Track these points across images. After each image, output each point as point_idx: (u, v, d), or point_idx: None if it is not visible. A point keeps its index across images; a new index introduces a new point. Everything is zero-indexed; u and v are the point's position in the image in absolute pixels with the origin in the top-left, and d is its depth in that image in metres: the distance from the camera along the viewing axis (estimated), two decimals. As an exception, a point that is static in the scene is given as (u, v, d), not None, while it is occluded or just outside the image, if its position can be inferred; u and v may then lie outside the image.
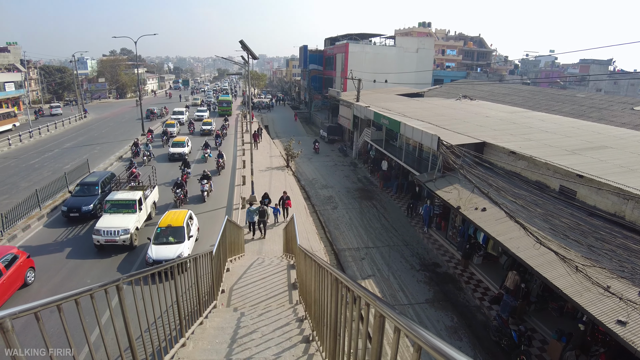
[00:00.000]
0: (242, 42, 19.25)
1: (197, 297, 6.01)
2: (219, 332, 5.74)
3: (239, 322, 6.21)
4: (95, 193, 22.01)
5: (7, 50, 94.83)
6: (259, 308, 7.12)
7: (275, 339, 5.25)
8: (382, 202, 26.79)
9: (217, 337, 5.50)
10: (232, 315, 6.66)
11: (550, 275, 12.13)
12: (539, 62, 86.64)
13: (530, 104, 34.55)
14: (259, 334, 5.51)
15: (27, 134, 41.77)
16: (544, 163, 16.90)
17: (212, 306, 7.14)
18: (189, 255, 8.53)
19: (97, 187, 22.43)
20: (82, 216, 20.83)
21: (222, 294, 8.13)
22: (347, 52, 50.44)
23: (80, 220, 21.01)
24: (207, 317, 6.49)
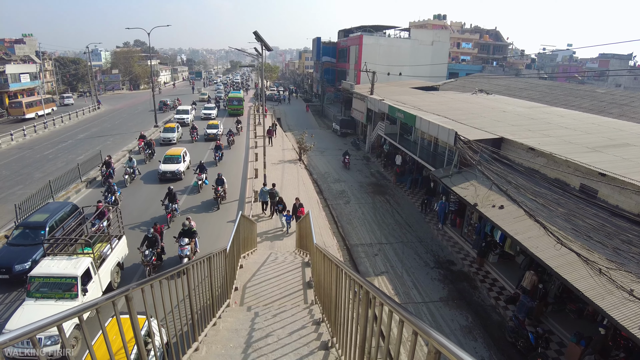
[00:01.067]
0: (256, 33, 18.98)
1: (210, 297, 5.80)
2: (233, 334, 5.53)
3: (253, 323, 6.00)
4: (39, 241, 14.80)
5: (22, 41, 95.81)
6: (273, 307, 6.91)
7: (292, 344, 5.02)
8: (395, 198, 26.45)
9: (231, 341, 5.29)
10: (246, 315, 6.45)
11: (571, 277, 11.76)
12: (556, 56, 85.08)
13: (548, 99, 33.83)
14: (274, 338, 5.28)
15: (42, 124, 42.03)
16: (564, 160, 16.43)
17: (226, 305, 6.94)
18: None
19: (44, 230, 15.55)
20: (15, 278, 13.80)
21: (235, 291, 7.94)
22: (361, 44, 49.83)
23: (10, 283, 13.92)
24: (220, 317, 6.28)
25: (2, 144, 34.28)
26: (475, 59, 76.00)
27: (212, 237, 18.09)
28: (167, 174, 25.69)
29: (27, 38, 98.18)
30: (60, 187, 22.57)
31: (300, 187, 25.24)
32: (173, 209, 19.72)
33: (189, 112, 47.87)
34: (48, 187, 21.21)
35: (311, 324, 5.83)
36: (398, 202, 25.62)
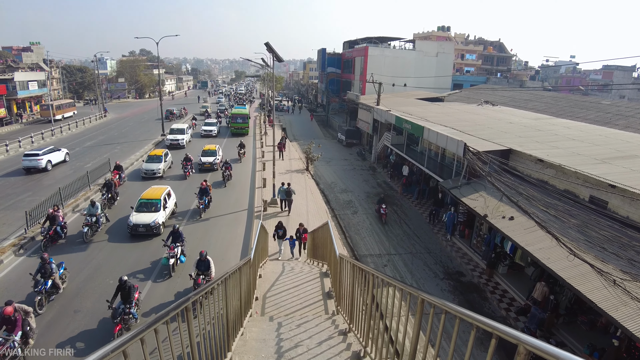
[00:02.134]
0: (267, 44, 19.21)
1: (239, 307, 5.86)
2: (261, 344, 5.59)
3: (279, 333, 6.06)
4: None
5: (30, 49, 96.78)
6: (295, 317, 6.96)
7: (323, 354, 5.08)
8: (402, 208, 26.51)
9: (261, 351, 5.35)
10: (270, 325, 6.51)
11: (584, 288, 11.79)
12: (559, 67, 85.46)
13: (553, 111, 33.99)
14: (304, 348, 5.34)
15: (49, 132, 42.30)
16: (573, 172, 16.52)
17: (249, 315, 7.00)
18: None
19: None
20: None
21: (256, 301, 8.00)
22: (367, 55, 50.25)
23: None
24: (244, 327, 6.35)
25: (10, 150, 34.48)
26: (479, 70, 76.37)
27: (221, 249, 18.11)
28: (139, 227, 18.75)
29: (35, 46, 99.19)
30: (69, 195, 22.65)
31: (308, 196, 25.31)
32: (124, 317, 11.63)
33: (185, 131, 40.12)
34: (58, 194, 21.28)
35: (337, 334, 5.89)
36: (405, 213, 25.68)
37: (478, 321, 2.61)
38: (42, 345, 11.08)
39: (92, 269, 15.77)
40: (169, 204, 20.82)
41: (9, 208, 22.22)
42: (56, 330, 11.90)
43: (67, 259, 15.90)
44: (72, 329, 11.99)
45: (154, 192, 20.42)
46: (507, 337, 2.19)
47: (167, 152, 30.46)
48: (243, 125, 45.74)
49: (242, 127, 45.66)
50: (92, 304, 13.24)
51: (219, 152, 32.22)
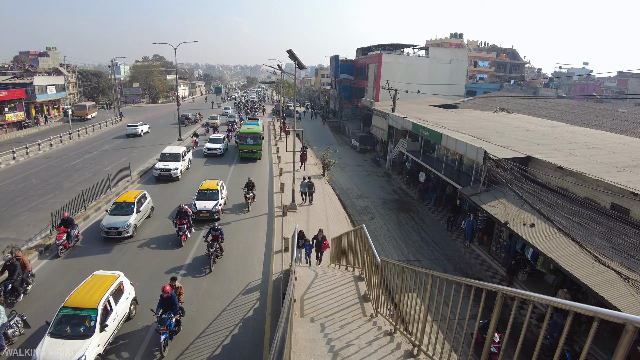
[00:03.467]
0: (290, 51, 19.56)
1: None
2: (312, 344, 5.81)
3: (325, 333, 6.28)
4: None
5: (46, 54, 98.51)
6: (335, 319, 7.18)
7: (376, 353, 5.29)
8: (420, 215, 26.63)
9: (315, 350, 5.56)
10: (312, 326, 6.73)
11: (609, 295, 11.88)
12: (572, 74, 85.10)
13: (568, 118, 33.99)
14: (355, 347, 5.56)
15: (67, 135, 43.01)
16: (594, 180, 16.61)
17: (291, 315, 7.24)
18: None
19: None
20: None
21: (295, 302, 8.23)
22: (381, 62, 50.56)
23: None
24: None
25: (31, 153, 35.14)
26: (492, 77, 76.36)
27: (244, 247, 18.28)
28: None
29: (51, 51, 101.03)
30: (91, 197, 23.01)
31: (326, 202, 25.52)
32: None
33: (180, 157, 30.36)
34: (81, 196, 21.68)
35: (383, 334, 6.10)
36: (423, 219, 25.80)
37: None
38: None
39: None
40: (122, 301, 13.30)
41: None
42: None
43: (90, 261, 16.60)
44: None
45: (93, 291, 12.03)
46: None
47: (144, 195, 21.49)
48: (255, 148, 36.02)
49: (253, 150, 36.08)
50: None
51: (221, 191, 22.53)
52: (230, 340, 11.57)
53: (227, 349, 11.20)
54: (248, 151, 36.16)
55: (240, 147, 36.25)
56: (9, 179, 27.78)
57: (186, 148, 33.25)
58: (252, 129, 37.00)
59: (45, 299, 13.69)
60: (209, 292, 14.27)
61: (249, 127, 38.25)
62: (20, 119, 49.15)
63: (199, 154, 37.61)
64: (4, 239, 18.15)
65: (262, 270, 16.13)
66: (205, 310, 13.08)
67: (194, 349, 11.25)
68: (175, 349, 11.22)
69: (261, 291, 14.47)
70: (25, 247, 17.23)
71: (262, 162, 36.46)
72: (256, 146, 35.99)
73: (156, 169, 28.78)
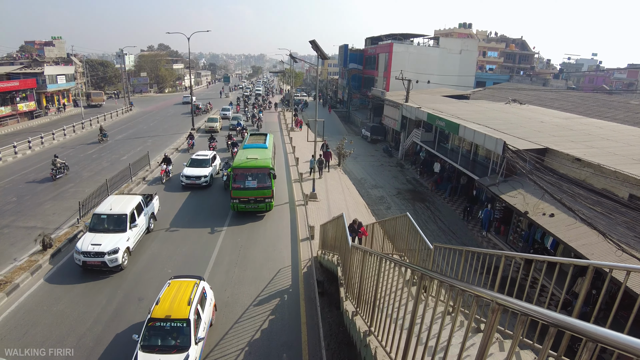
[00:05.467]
0: (313, 42, 19.81)
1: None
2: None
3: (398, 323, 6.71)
4: None
5: (52, 44, 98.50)
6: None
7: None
8: (435, 205, 27.03)
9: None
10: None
11: (632, 283, 12.26)
12: (581, 65, 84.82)
13: (580, 110, 34.18)
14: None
15: (80, 124, 43.38)
16: (612, 171, 16.92)
17: None
18: None
19: None
20: None
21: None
22: (391, 52, 50.63)
23: None
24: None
25: (46, 143, 35.52)
26: (502, 68, 76.27)
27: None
28: None
29: (57, 40, 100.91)
30: (112, 186, 23.26)
31: (345, 191, 25.90)
32: None
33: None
34: (105, 185, 22.08)
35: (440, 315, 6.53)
36: (438, 209, 26.21)
37: None
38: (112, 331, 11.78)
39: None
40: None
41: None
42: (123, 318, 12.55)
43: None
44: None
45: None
46: None
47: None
48: (261, 194, 20.40)
49: (258, 199, 20.43)
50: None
51: (195, 297, 10.95)
52: (268, 325, 12.02)
53: (266, 333, 11.65)
54: (248, 202, 20.11)
55: (235, 194, 19.97)
56: (28, 168, 28.22)
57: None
58: (255, 160, 21.15)
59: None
60: (241, 278, 14.72)
61: (250, 153, 22.34)
62: (32, 109, 49.51)
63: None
64: (31, 227, 18.57)
65: (291, 257, 16.58)
66: (240, 296, 13.52)
67: (233, 334, 11.68)
68: (215, 333, 11.69)
69: (292, 277, 14.93)
70: (55, 235, 17.64)
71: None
72: (263, 191, 20.15)
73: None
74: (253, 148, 23.85)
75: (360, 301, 7.19)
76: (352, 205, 23.35)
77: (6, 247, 16.68)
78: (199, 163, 26.02)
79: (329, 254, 13.98)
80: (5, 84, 44.43)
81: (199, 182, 24.96)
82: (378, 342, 5.44)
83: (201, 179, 24.95)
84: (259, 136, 28.74)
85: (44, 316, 12.31)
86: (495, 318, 2.97)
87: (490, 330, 2.97)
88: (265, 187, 20.19)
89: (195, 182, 24.96)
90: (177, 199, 23.32)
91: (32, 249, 16.29)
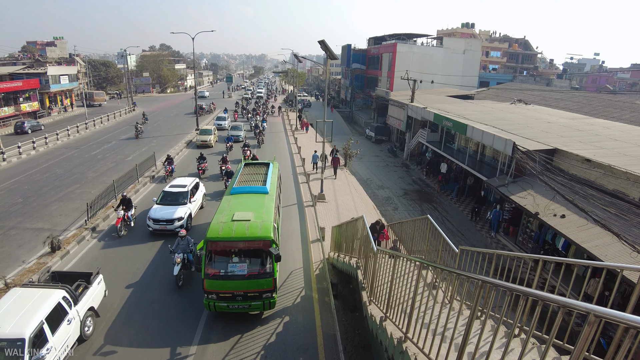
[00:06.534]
0: (323, 42, 19.70)
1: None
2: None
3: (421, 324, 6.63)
4: None
5: (53, 44, 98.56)
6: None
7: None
8: (442, 205, 26.92)
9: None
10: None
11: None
12: (583, 65, 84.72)
13: (586, 110, 34.06)
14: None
15: (83, 125, 43.30)
16: (623, 172, 16.81)
17: None
18: None
19: None
20: None
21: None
22: (395, 51, 50.52)
23: None
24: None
25: (50, 143, 35.45)
26: (505, 68, 76.15)
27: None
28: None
29: (58, 41, 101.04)
30: (120, 187, 23.11)
31: (352, 192, 25.77)
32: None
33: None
34: (112, 186, 21.97)
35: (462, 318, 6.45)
36: (446, 210, 26.10)
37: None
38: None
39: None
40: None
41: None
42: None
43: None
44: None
45: None
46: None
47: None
48: (254, 286, 11.78)
49: (250, 293, 11.79)
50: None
51: None
52: (282, 328, 11.93)
53: (281, 337, 11.56)
54: (233, 298, 11.83)
55: (211, 286, 11.69)
56: (33, 169, 28.14)
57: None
58: (245, 225, 12.27)
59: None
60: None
61: (239, 208, 13.50)
62: (35, 109, 49.45)
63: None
64: (39, 229, 18.47)
65: (302, 258, 16.50)
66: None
67: (248, 337, 11.58)
68: (230, 335, 11.60)
69: (305, 279, 14.84)
70: (63, 237, 17.54)
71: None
72: (258, 281, 11.86)
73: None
74: (245, 195, 14.96)
75: (391, 306, 7.10)
76: (360, 206, 23.23)
77: (14, 248, 16.59)
78: (174, 198, 18.88)
79: (345, 256, 13.84)
80: (8, 84, 44.36)
81: (171, 227, 17.57)
82: (419, 349, 5.35)
83: (174, 223, 17.60)
84: (258, 167, 18.99)
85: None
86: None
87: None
88: (261, 275, 11.74)
89: (166, 228, 17.64)
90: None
91: (40, 251, 16.20)
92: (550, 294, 3.35)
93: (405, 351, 5.54)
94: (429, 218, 9.28)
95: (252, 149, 32.63)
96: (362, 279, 10.12)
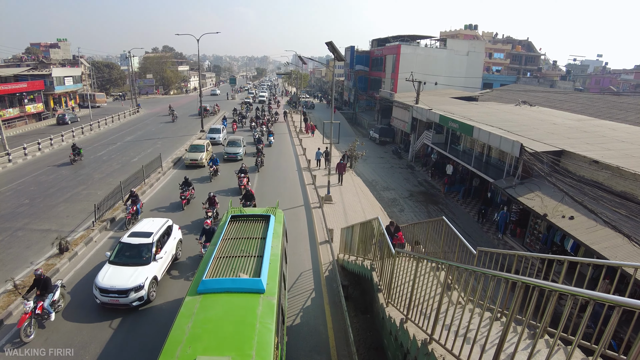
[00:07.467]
0: (330, 43, 19.73)
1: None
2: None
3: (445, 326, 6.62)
4: None
5: (57, 46, 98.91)
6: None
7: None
8: (448, 207, 26.92)
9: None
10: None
11: (660, 287, 12.16)
12: (586, 66, 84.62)
13: (590, 112, 34.03)
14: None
15: (88, 126, 43.38)
16: (631, 174, 16.78)
17: None
18: None
19: None
20: None
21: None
22: (399, 53, 50.54)
23: None
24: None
25: (55, 144, 35.50)
26: (508, 69, 76.10)
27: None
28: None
29: (62, 43, 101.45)
30: (126, 188, 23.11)
31: (359, 193, 25.80)
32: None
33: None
34: (119, 187, 21.96)
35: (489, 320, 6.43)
36: (452, 211, 26.08)
37: None
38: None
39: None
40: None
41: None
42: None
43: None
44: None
45: None
46: None
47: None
48: None
49: None
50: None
51: None
52: (294, 330, 11.93)
53: (292, 338, 11.54)
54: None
55: None
56: (39, 170, 28.13)
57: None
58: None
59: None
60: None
61: (210, 327, 7.17)
62: (40, 111, 49.57)
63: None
64: (46, 230, 18.46)
65: (311, 260, 16.50)
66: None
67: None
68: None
69: (314, 281, 14.85)
70: (71, 239, 17.52)
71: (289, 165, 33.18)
72: None
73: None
74: (222, 297, 8.17)
75: (412, 308, 7.09)
76: (367, 207, 23.24)
77: (22, 250, 16.57)
78: (133, 254, 13.62)
79: (356, 258, 13.81)
80: (13, 86, 44.49)
81: (125, 300, 12.21)
82: (447, 351, 5.35)
83: (129, 295, 12.22)
84: (250, 225, 11.84)
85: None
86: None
87: None
88: None
89: (119, 302, 12.26)
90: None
91: (48, 253, 16.19)
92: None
93: (432, 353, 5.54)
94: (445, 219, 9.31)
95: (251, 173, 27.15)
96: (377, 280, 10.11)
